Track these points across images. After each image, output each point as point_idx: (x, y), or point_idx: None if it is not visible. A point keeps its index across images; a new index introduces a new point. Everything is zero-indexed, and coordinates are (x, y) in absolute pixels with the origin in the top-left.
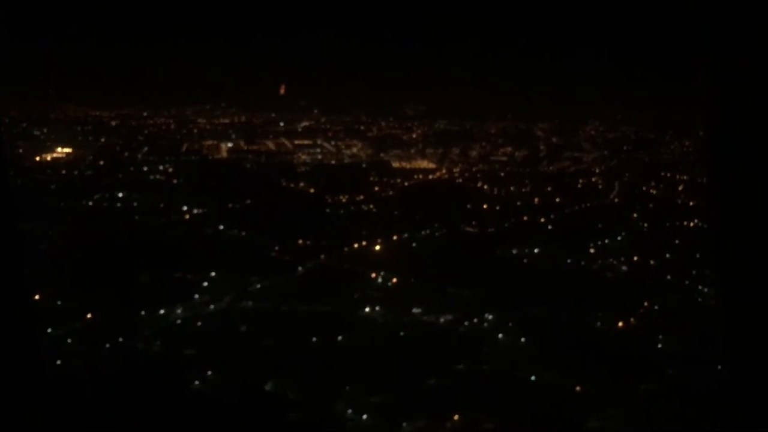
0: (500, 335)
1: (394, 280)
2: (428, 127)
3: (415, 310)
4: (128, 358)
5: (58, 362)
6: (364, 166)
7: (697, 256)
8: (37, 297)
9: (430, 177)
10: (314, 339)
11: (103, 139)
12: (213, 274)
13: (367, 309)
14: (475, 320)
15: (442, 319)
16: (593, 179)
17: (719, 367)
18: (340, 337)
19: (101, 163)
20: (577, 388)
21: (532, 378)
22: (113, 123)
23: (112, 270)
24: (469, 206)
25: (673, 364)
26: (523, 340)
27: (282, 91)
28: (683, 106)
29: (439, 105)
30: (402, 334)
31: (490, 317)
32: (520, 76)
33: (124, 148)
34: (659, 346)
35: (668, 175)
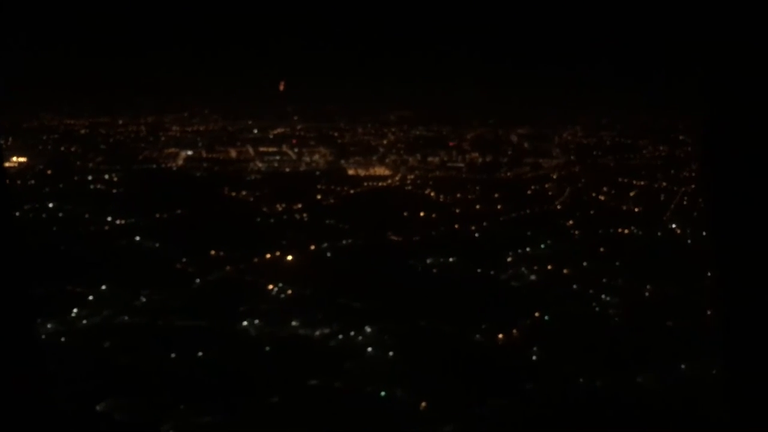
0: (369, 349)
1: (289, 291)
2: (404, 134)
3: (294, 323)
4: None
5: None
6: (317, 173)
7: (616, 264)
8: None
9: (381, 184)
10: (173, 355)
11: (62, 148)
12: (104, 287)
13: (245, 323)
14: (352, 333)
15: (317, 332)
16: (546, 185)
17: (587, 379)
18: (200, 353)
19: (49, 172)
20: (422, 404)
21: (382, 394)
22: (82, 131)
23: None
24: (405, 214)
25: (536, 378)
26: (391, 354)
27: (281, 87)
28: (670, 110)
29: (425, 111)
30: (268, 348)
31: (369, 330)
32: (512, 82)
33: (79, 157)
34: (533, 358)
35: (625, 181)
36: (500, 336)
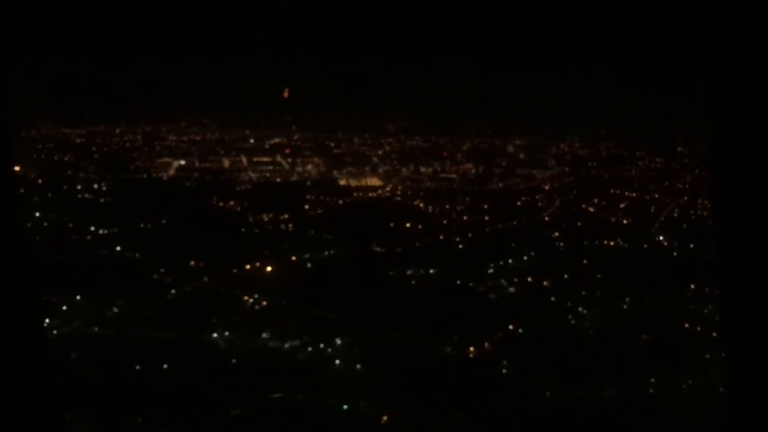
0: (337, 361)
1: (264, 303)
2: (400, 144)
3: (264, 335)
4: None
5: None
6: (308, 184)
7: (598, 276)
8: None
9: (370, 195)
10: (138, 367)
11: (56, 157)
12: (78, 297)
13: (215, 334)
14: (322, 345)
15: (287, 345)
16: (537, 197)
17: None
18: (166, 365)
19: (39, 181)
20: (384, 419)
21: (344, 407)
22: (78, 140)
23: None
24: (391, 225)
25: (501, 391)
26: (359, 366)
27: (285, 94)
28: (671, 120)
29: (424, 121)
30: (234, 361)
31: (339, 342)
32: (514, 92)
33: (71, 167)
34: (503, 371)
35: (617, 192)
36: (471, 349)
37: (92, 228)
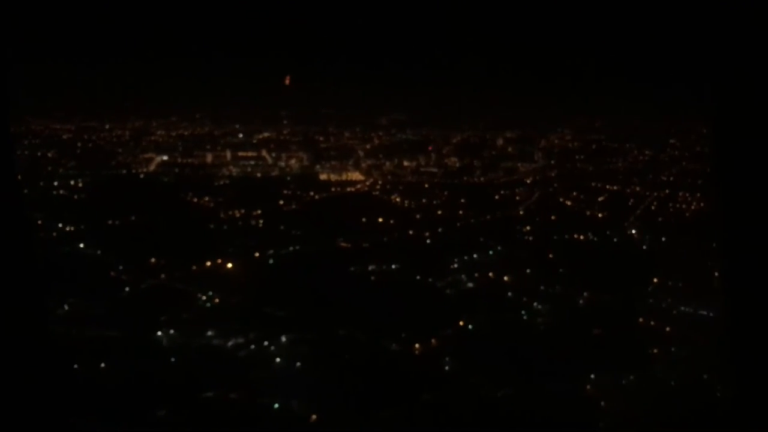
0: (278, 359)
1: (216, 300)
2: (390, 138)
3: (209, 333)
4: None
5: None
6: (288, 178)
7: (560, 270)
8: None
9: (349, 189)
10: (75, 366)
11: (39, 153)
12: None
13: (159, 333)
14: (266, 343)
15: (230, 343)
16: (516, 190)
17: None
18: (103, 364)
19: (18, 177)
20: (313, 417)
21: (275, 406)
22: (65, 136)
23: None
24: (364, 220)
25: (438, 388)
26: (299, 364)
27: (287, 82)
28: (667, 113)
29: (419, 115)
30: (173, 359)
31: (284, 339)
32: (513, 85)
33: (52, 163)
34: (446, 368)
35: (598, 185)
36: (417, 345)
37: (60, 225)
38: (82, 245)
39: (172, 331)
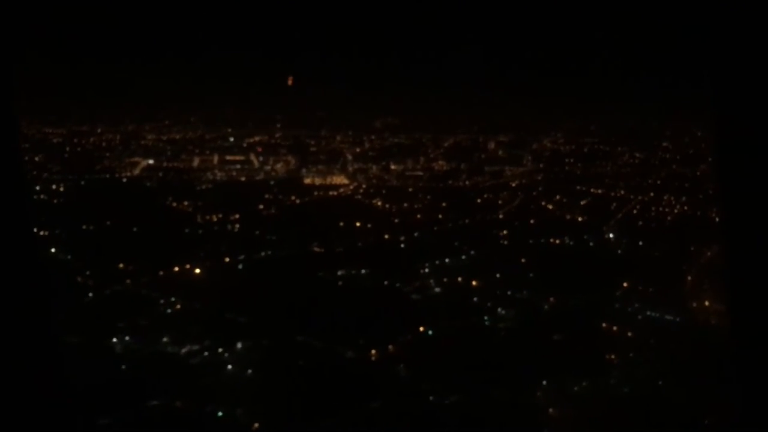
0: (229, 366)
1: (178, 306)
2: (382, 141)
3: (165, 339)
4: None
5: None
6: (272, 183)
7: (530, 275)
8: None
9: (331, 194)
10: None
11: (26, 157)
12: None
13: (114, 339)
14: (220, 350)
15: (184, 350)
16: (500, 194)
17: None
18: None
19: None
20: (255, 425)
21: (219, 414)
22: (56, 140)
23: None
24: (341, 224)
25: (387, 395)
26: (249, 371)
27: (290, 82)
28: (662, 115)
29: (414, 118)
30: (124, 367)
31: (239, 346)
32: (508, 88)
33: (38, 167)
34: (401, 375)
35: (583, 189)
36: (373, 352)
37: (35, 230)
38: (53, 250)
39: (127, 338)
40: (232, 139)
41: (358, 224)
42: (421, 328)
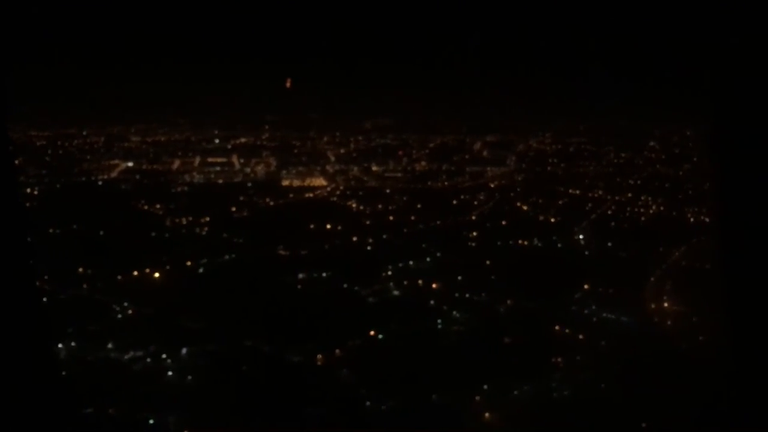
0: (170, 373)
1: (130, 312)
2: (368, 142)
3: (110, 345)
4: None
5: None
6: (249, 185)
7: (492, 278)
8: None
9: (307, 195)
10: None
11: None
12: None
13: (60, 345)
14: (164, 356)
15: (128, 356)
16: (477, 195)
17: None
18: None
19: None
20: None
21: (150, 421)
22: (39, 143)
23: None
24: (311, 226)
25: (324, 401)
26: (190, 378)
27: (288, 84)
28: (655, 115)
29: (404, 119)
30: (63, 373)
31: (184, 352)
32: (502, 88)
33: (16, 171)
34: (343, 380)
35: (561, 190)
36: (320, 356)
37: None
38: None
39: (73, 344)
40: (217, 141)
41: (328, 226)
42: (372, 332)
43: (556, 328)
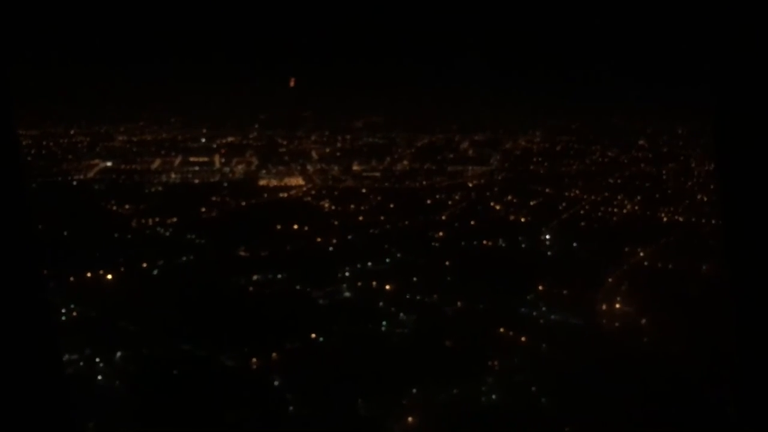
0: (99, 377)
1: (75, 314)
2: (355, 141)
3: None
4: None
5: None
6: (225, 184)
7: (447, 279)
8: None
9: (281, 195)
10: None
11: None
12: None
13: None
14: (97, 359)
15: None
16: (453, 195)
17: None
18: None
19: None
20: None
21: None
22: (24, 142)
23: None
24: (278, 227)
25: (247, 407)
26: (117, 382)
27: (292, 83)
28: (649, 113)
29: (396, 118)
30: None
31: (119, 355)
32: (496, 86)
33: None
34: (272, 384)
35: (537, 189)
36: (254, 360)
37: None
38: None
39: None
40: (203, 140)
41: (295, 227)
42: (313, 335)
43: (501, 330)
